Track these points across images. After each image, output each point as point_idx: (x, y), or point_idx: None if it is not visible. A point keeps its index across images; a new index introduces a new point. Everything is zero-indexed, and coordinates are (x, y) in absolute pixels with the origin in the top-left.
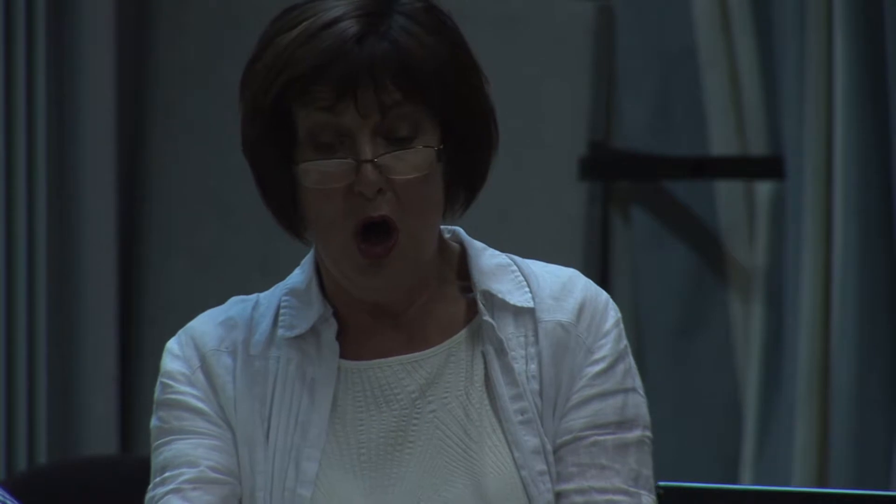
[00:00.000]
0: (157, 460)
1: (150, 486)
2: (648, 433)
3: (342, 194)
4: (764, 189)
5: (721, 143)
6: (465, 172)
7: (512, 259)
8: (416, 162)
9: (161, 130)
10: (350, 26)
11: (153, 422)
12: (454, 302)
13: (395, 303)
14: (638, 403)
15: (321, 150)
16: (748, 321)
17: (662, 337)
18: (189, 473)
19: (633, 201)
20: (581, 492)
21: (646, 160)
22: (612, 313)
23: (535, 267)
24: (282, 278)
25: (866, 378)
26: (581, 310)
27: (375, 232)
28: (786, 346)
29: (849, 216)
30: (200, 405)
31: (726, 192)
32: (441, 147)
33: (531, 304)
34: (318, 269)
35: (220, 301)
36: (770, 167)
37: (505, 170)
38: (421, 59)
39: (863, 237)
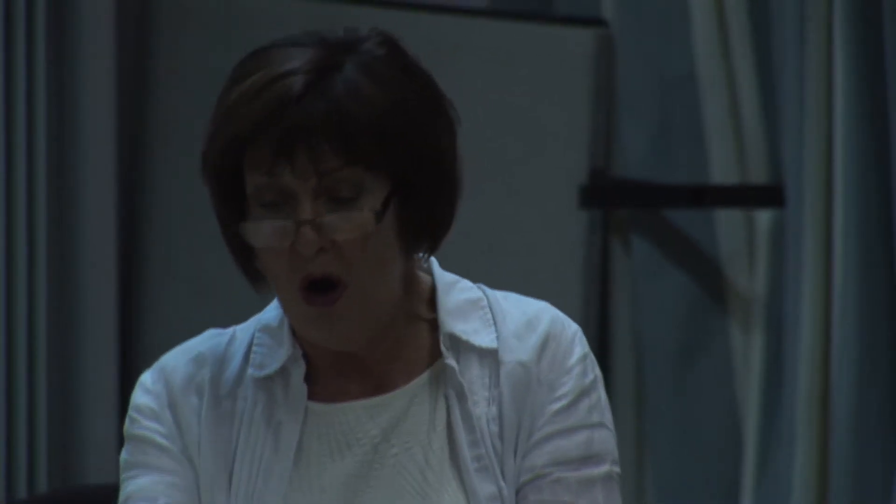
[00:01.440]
0: (122, 493)
1: None
2: (617, 468)
3: (286, 252)
4: (764, 217)
5: (721, 170)
6: (423, 221)
7: (484, 292)
8: (357, 222)
9: (161, 131)
10: (295, 83)
11: (122, 454)
12: (422, 341)
13: (357, 350)
14: (605, 438)
15: (267, 207)
16: (748, 348)
17: (662, 364)
18: None
19: (633, 229)
20: None
21: (646, 188)
22: (579, 348)
23: (506, 303)
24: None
25: (866, 405)
26: (543, 347)
27: (321, 287)
28: (786, 373)
29: (849, 244)
30: (165, 442)
31: (726, 219)
32: (383, 207)
33: (495, 346)
34: None
35: (219, 323)
36: (770, 195)
37: (504, 197)
38: (362, 123)
39: (863, 266)
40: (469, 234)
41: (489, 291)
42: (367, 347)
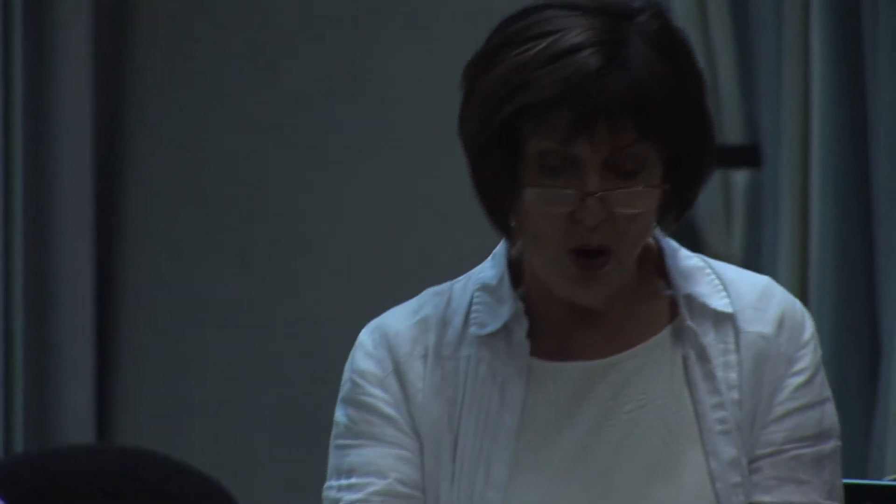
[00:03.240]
0: (342, 460)
1: (334, 485)
2: (839, 442)
3: (563, 219)
4: (741, 177)
5: None
6: (684, 196)
7: (705, 261)
8: (640, 199)
9: (138, 122)
10: (590, 56)
11: (340, 417)
12: (653, 302)
13: (600, 306)
14: (832, 413)
15: (547, 173)
16: None
17: None
18: (377, 485)
19: None
20: None
21: None
22: (809, 324)
23: (730, 272)
24: (260, 270)
25: (844, 363)
26: (781, 321)
27: (590, 254)
28: None
29: (826, 204)
30: (391, 411)
31: None
32: (666, 185)
33: (730, 310)
34: (511, 265)
35: (197, 294)
36: (747, 155)
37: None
38: (659, 99)
39: (839, 224)
40: (444, 197)
41: (708, 259)
42: (605, 304)
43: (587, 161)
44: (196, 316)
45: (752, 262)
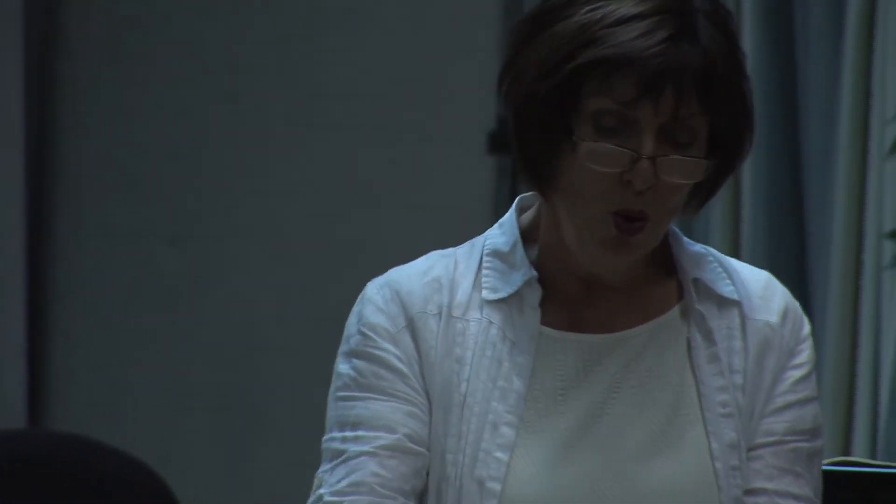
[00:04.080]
0: (347, 412)
1: (338, 437)
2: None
3: (611, 178)
4: None
5: None
6: (713, 178)
7: (707, 250)
8: (689, 170)
9: (70, 104)
10: (662, 22)
11: (344, 368)
12: (662, 283)
13: (618, 280)
14: (820, 412)
15: (601, 132)
16: None
17: None
18: (386, 439)
19: None
20: (779, 494)
21: None
22: (806, 321)
23: (732, 262)
24: (190, 252)
25: None
26: (785, 313)
27: (627, 217)
28: None
29: (757, 198)
30: (402, 366)
31: None
32: (714, 160)
33: (737, 297)
34: (524, 233)
35: (130, 276)
36: None
37: (415, 145)
38: (724, 74)
39: (772, 219)
40: (379, 180)
41: (709, 248)
42: (619, 279)
43: (645, 125)
44: (128, 299)
45: (684, 224)
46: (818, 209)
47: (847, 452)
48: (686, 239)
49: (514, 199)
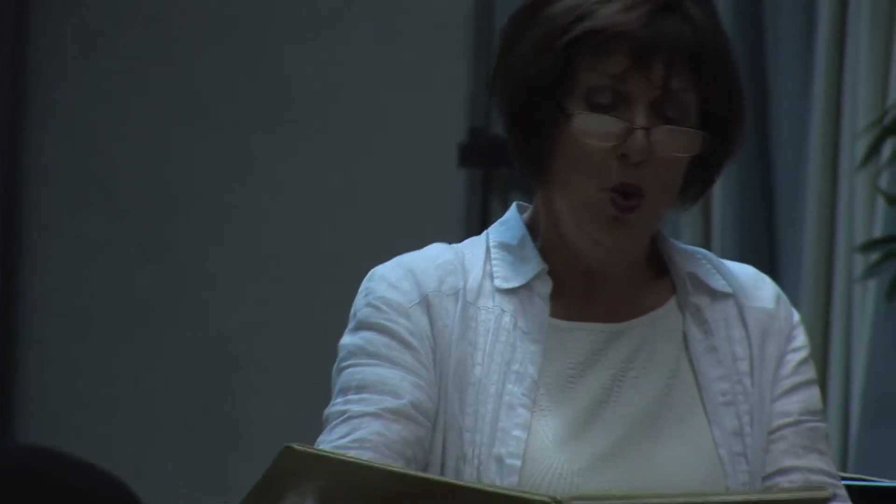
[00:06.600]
0: (352, 377)
1: (341, 400)
2: None
3: (606, 153)
4: None
5: None
6: (706, 167)
7: (696, 249)
8: (683, 142)
9: (42, 116)
10: None
11: (352, 339)
12: (655, 281)
13: (610, 269)
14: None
15: (596, 108)
16: None
17: None
18: (392, 403)
19: (513, 188)
20: (811, 470)
21: None
22: (794, 309)
23: (718, 259)
24: (164, 263)
25: None
26: (778, 298)
27: (624, 193)
28: None
29: (728, 198)
30: (412, 340)
31: None
32: (706, 134)
33: (729, 290)
34: (530, 228)
35: (103, 288)
36: None
37: (386, 156)
38: (714, 49)
39: (742, 219)
40: (351, 193)
41: (699, 248)
42: (619, 270)
43: (638, 97)
44: (101, 311)
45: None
46: (789, 222)
47: None
48: (675, 241)
49: (485, 212)
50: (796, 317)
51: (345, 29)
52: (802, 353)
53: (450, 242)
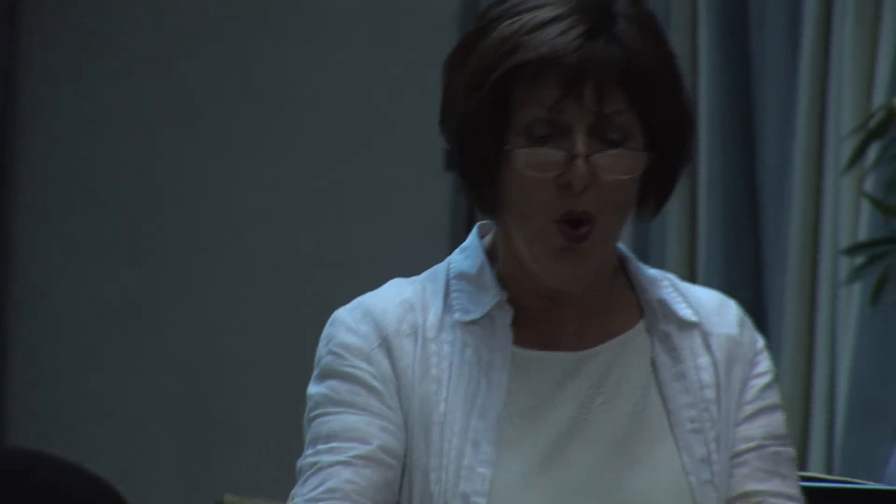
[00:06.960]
0: (320, 428)
1: (311, 451)
2: None
3: (549, 184)
4: None
5: None
6: (658, 181)
7: (661, 274)
8: (626, 164)
9: (31, 118)
10: (578, 23)
11: (318, 389)
12: (621, 304)
13: (574, 294)
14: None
15: (535, 141)
16: None
17: None
18: (360, 449)
19: None
20: (772, 494)
21: None
22: (759, 334)
23: (684, 284)
24: (150, 267)
25: None
26: (742, 323)
27: (573, 222)
28: None
29: (713, 206)
30: (376, 384)
31: None
32: (650, 152)
33: (695, 319)
34: (489, 256)
35: (90, 291)
36: None
37: (373, 158)
38: (646, 67)
39: (727, 226)
40: (337, 196)
41: (664, 272)
42: (580, 295)
43: (575, 125)
44: (88, 315)
45: (639, 253)
46: (774, 225)
47: (803, 468)
48: (641, 264)
49: (471, 215)
50: (760, 342)
51: (331, 35)
52: (766, 379)
53: (436, 245)
